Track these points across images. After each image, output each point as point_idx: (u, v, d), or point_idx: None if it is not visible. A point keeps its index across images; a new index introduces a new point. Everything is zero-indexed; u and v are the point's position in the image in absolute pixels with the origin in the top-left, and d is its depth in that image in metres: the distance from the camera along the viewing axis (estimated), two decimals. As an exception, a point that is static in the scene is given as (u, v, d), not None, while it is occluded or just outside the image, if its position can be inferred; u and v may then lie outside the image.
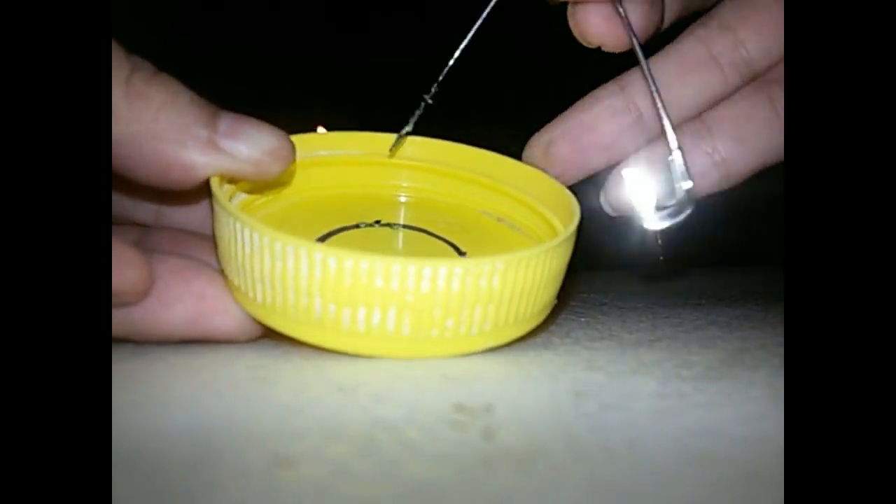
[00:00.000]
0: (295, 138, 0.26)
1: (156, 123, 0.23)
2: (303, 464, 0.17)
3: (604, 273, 0.48)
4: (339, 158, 0.32)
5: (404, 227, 0.31)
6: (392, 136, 0.31)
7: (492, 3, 0.28)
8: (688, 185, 0.28)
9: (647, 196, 0.29)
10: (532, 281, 0.24)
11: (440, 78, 0.29)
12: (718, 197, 0.30)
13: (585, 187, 0.31)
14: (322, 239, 0.28)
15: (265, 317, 0.24)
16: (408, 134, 0.30)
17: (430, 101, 0.29)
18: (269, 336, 0.26)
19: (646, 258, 0.30)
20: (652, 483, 0.16)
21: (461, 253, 0.29)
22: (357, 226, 0.30)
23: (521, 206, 0.31)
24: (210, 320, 0.24)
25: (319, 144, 0.31)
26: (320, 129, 0.34)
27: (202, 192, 0.25)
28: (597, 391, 0.22)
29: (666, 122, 0.28)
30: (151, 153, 0.23)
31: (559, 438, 0.19)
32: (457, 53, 0.28)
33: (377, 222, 0.30)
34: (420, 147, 0.31)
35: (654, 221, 0.29)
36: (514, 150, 0.31)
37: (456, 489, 0.16)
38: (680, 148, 0.28)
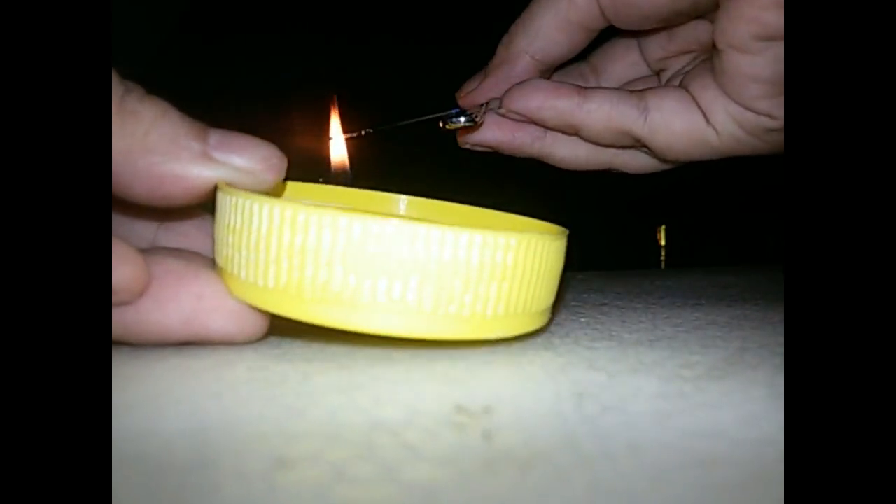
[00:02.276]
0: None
1: (148, 137, 0.23)
2: (302, 466, 0.17)
3: (604, 273, 0.48)
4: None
5: None
6: (377, 193, 0.33)
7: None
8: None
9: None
10: (539, 266, 0.25)
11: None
12: (718, 197, 0.31)
13: (584, 188, 0.31)
14: None
15: (274, 303, 0.23)
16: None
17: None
18: (269, 337, 0.26)
19: (646, 258, 0.30)
20: (652, 486, 0.16)
21: None
22: None
23: None
24: (207, 322, 0.24)
25: (307, 194, 0.32)
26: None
27: (201, 207, 0.26)
28: (597, 392, 0.22)
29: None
30: (145, 167, 0.23)
31: (560, 440, 0.19)
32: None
33: None
34: (395, 202, 0.33)
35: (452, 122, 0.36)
36: (486, 201, 0.33)
37: (456, 491, 0.16)
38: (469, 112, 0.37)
